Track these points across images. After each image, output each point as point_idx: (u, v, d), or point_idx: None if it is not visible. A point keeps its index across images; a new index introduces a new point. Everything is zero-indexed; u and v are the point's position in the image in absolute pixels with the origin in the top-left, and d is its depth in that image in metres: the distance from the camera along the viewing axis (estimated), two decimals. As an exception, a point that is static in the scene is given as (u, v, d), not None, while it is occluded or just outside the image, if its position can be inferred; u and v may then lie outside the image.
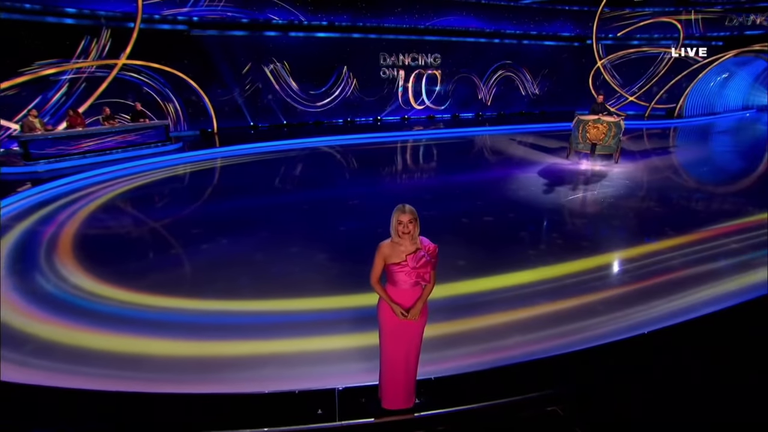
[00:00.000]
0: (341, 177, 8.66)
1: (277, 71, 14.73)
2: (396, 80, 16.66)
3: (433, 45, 17.02)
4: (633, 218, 6.06)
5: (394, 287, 2.50)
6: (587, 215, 6.39)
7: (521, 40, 18.79)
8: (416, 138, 13.49)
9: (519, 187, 7.91)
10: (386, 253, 2.45)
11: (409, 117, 17.19)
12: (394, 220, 2.42)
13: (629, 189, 7.93)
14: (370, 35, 15.70)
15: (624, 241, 5.11)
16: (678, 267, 4.40)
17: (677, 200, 7.04)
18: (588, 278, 4.17)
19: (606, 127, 9.86)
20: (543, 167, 9.59)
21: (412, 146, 12.43)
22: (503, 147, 12.41)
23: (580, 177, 8.75)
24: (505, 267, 4.43)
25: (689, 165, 10.08)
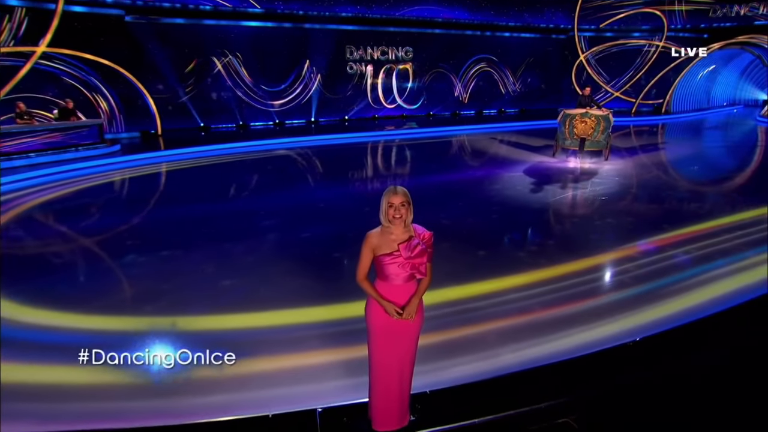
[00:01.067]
0: (304, 182, 8.67)
1: (230, 66, 14.55)
2: (364, 76, 16.84)
3: (405, 37, 17.34)
4: (629, 217, 6.25)
5: (385, 282, 2.44)
6: (580, 215, 6.59)
7: (501, 32, 19.36)
8: (388, 138, 13.70)
9: (504, 186, 8.07)
10: (375, 242, 2.40)
11: (380, 116, 17.42)
12: (384, 203, 2.38)
13: (622, 186, 8.17)
14: (334, 26, 15.87)
15: (621, 241, 5.24)
16: (680, 265, 4.55)
17: (673, 198, 7.30)
18: (586, 279, 4.27)
19: (594, 121, 10.08)
20: (529, 166, 9.76)
21: (383, 147, 12.60)
22: (484, 146, 12.68)
23: (568, 175, 8.94)
24: (496, 271, 4.49)
25: (682, 162, 10.54)
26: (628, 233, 5.53)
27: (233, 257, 4.95)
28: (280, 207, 6.79)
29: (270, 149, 11.75)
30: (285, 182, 8.50)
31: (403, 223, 2.39)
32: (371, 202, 6.99)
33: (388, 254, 2.39)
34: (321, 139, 13.34)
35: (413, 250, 2.37)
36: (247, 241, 5.38)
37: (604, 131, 10.18)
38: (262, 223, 6.09)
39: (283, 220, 6.20)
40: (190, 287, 4.28)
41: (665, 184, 8.45)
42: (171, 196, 7.77)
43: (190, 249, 5.15)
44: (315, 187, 8.28)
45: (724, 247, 4.97)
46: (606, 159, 10.35)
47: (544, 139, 12.75)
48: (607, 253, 4.91)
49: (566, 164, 9.99)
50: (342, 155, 11.38)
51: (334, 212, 6.54)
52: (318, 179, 8.92)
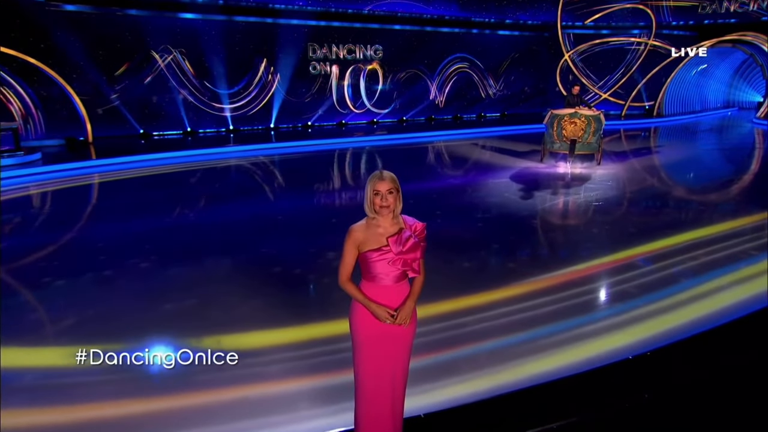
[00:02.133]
0: (261, 194, 8.67)
1: (175, 64, 14.33)
2: (329, 77, 16.82)
3: (374, 34, 17.34)
4: (625, 225, 6.46)
5: (372, 283, 2.41)
6: (573, 223, 6.84)
7: (480, 29, 19.57)
8: (357, 146, 13.82)
9: (489, 194, 8.25)
10: (359, 237, 2.36)
11: (347, 122, 17.47)
12: (369, 190, 2.36)
13: (617, 193, 8.41)
14: (295, 21, 15.81)
15: (616, 251, 5.39)
16: (677, 277, 4.71)
17: (670, 205, 7.58)
18: (581, 292, 4.39)
19: (584, 122, 10.28)
20: (515, 172, 9.96)
21: (351, 155, 12.74)
22: (464, 152, 12.89)
23: (558, 182, 9.16)
24: (486, 283, 4.59)
25: (678, 167, 10.94)
26: (625, 242, 5.69)
27: (178, 278, 4.85)
28: (234, 221, 6.77)
29: (223, 158, 11.73)
30: (239, 194, 8.49)
31: (392, 214, 2.37)
32: (338, 213, 7.15)
33: (376, 250, 2.36)
34: (281, 147, 13.37)
35: (404, 243, 2.34)
36: (193, 260, 5.31)
37: (596, 133, 10.39)
38: (212, 239, 6.05)
39: (237, 235, 6.17)
40: (125, 314, 4.15)
41: (662, 190, 8.77)
42: (105, 212, 7.63)
43: (126, 270, 5.03)
44: (274, 199, 8.30)
45: (723, 257, 5.18)
46: (598, 163, 10.59)
47: (529, 144, 13.07)
48: (603, 263, 5.07)
49: (555, 170, 10.22)
50: (305, 165, 11.45)
51: (296, 226, 6.53)
52: (277, 191, 8.94)
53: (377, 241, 2.36)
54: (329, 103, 17.03)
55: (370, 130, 16.65)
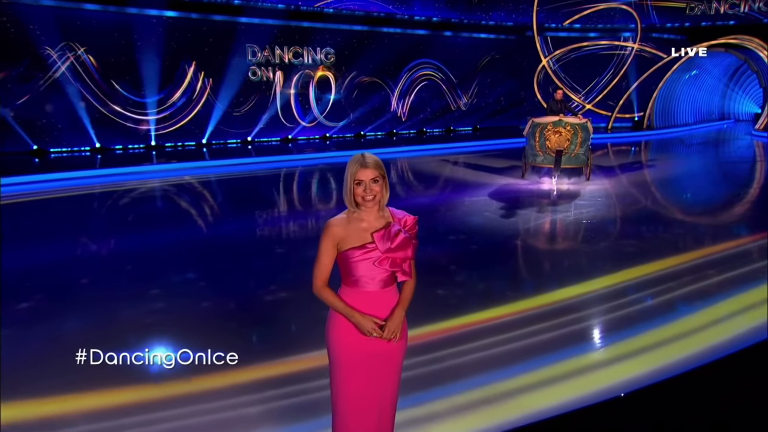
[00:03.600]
0: (188, 220, 8.67)
1: (81, 67, 13.90)
2: (272, 85, 16.80)
3: (325, 35, 17.45)
4: (618, 247, 6.71)
5: (354, 289, 2.41)
6: (560, 244, 7.12)
7: (448, 31, 19.89)
8: (307, 164, 14.09)
9: (467, 212, 8.47)
10: (339, 233, 2.36)
11: (294, 137, 17.55)
12: (349, 178, 2.35)
13: (610, 211, 8.69)
14: (229, 17, 15.74)
15: (608, 276, 5.61)
16: (673, 306, 4.91)
17: (671, 225, 7.93)
18: (569, 320, 4.57)
19: (570, 131, 10.53)
20: (494, 189, 10.24)
21: (300, 175, 12.96)
22: (434, 169, 13.14)
23: (543, 200, 9.41)
24: (465, 312, 4.72)
25: (677, 185, 11.44)
26: (618, 266, 5.89)
27: (77, 325, 4.66)
28: (151, 252, 6.71)
29: (140, 180, 11.61)
30: (157, 222, 8.45)
31: (378, 206, 2.37)
32: (284, 242, 7.38)
33: (359, 248, 2.36)
34: (214, 166, 13.39)
35: (393, 239, 2.34)
36: (91, 301, 5.20)
37: (583, 143, 10.62)
38: (120, 276, 5.94)
39: (154, 270, 6.08)
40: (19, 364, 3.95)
41: (658, 209, 9.14)
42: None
43: (10, 321, 4.73)
44: (205, 226, 8.36)
45: (724, 282, 5.40)
46: (587, 179, 10.87)
47: (507, 159, 13.48)
48: (593, 290, 5.27)
49: (539, 186, 10.51)
50: (243, 187, 11.48)
51: (230, 257, 6.51)
52: (208, 218, 8.97)
53: (360, 237, 2.36)
54: (272, 115, 17.01)
55: (323, 146, 16.81)
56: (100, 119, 14.37)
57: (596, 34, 21.04)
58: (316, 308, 4.37)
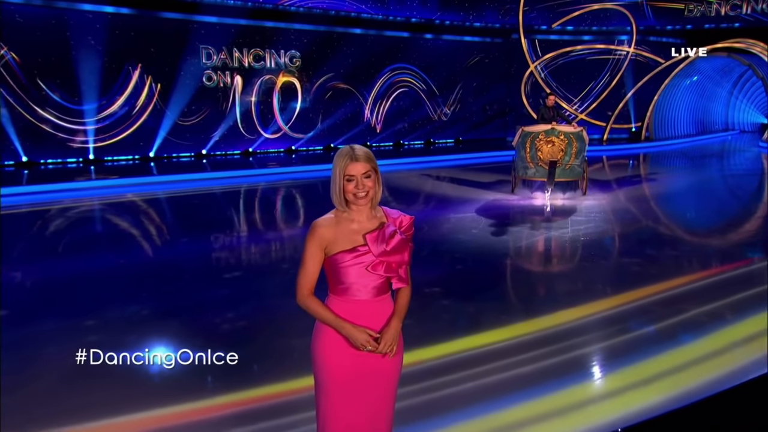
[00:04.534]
0: (126, 242, 8.62)
1: (6, 68, 13.58)
2: (230, 91, 16.70)
3: (290, 37, 17.44)
4: (624, 269, 6.83)
5: (343, 298, 2.45)
6: (558, 265, 7.28)
7: (427, 33, 19.93)
8: (270, 179, 14.07)
9: (454, 230, 8.58)
10: (327, 235, 2.40)
11: (256, 150, 17.51)
12: (338, 174, 2.38)
13: (609, 228, 8.82)
14: (181, 15, 15.67)
15: (613, 299, 5.76)
16: (672, 334, 5.02)
17: (676, 245, 8.10)
18: (565, 347, 4.66)
19: (564, 141, 10.63)
20: (482, 205, 10.38)
21: (262, 193, 13.02)
22: (415, 185, 13.28)
23: (536, 216, 9.51)
24: (452, 339, 4.82)
25: (682, 202, 11.67)
26: (617, 288, 6.07)
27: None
28: (85, 280, 6.62)
29: (76, 198, 11.45)
30: (94, 246, 8.36)
31: (370, 204, 2.42)
32: (233, 268, 7.32)
33: (349, 251, 2.40)
34: (162, 182, 13.27)
35: (388, 241, 2.39)
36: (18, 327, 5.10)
37: (578, 154, 10.71)
38: (53, 300, 5.89)
39: (88, 301, 5.96)
40: None
41: (662, 227, 9.38)
42: None
43: None
44: (149, 251, 8.24)
45: (730, 307, 5.52)
46: (584, 193, 11.03)
47: (495, 173, 13.69)
48: (589, 314, 5.38)
49: (531, 201, 10.64)
50: (195, 206, 11.43)
51: (174, 284, 6.47)
52: (152, 241, 8.87)
53: (351, 239, 2.40)
54: (230, 126, 16.93)
55: (288, 160, 16.79)
56: (27, 129, 14.07)
57: (591, 37, 21.41)
58: (279, 336, 4.51)
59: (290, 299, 5.76)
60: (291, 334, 4.64)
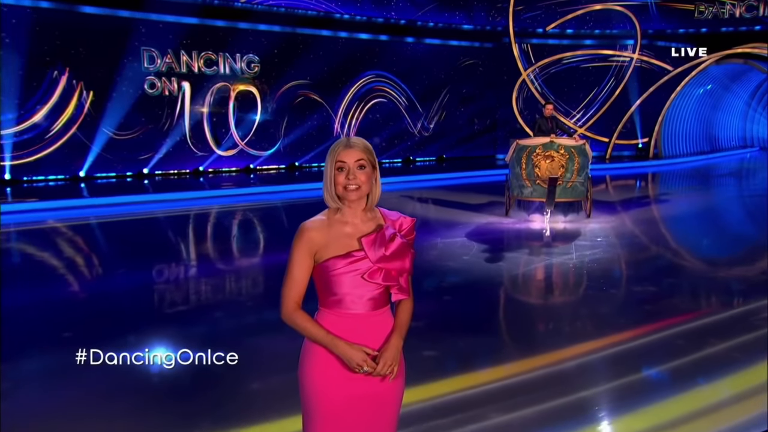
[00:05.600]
0: (45, 274, 8.52)
1: None
2: (177, 101, 16.64)
3: (248, 39, 17.38)
4: (633, 303, 6.88)
5: (336, 312, 2.49)
6: (560, 298, 7.39)
7: (406, 36, 20.05)
8: (224, 202, 14.05)
9: (443, 256, 8.68)
10: (317, 239, 2.44)
11: (208, 170, 17.48)
12: (330, 163, 2.43)
13: (618, 255, 8.99)
14: (115, 11, 15.59)
15: (621, 336, 5.75)
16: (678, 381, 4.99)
17: (692, 277, 8.22)
18: (567, 390, 4.67)
19: (565, 155, 10.65)
20: (472, 229, 10.48)
21: (215, 218, 12.98)
22: (395, 206, 13.08)
23: (534, 242, 9.62)
24: (452, 372, 4.98)
25: (698, 227, 11.88)
26: (627, 324, 6.07)
27: None
28: None
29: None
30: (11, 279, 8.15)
31: (365, 202, 2.46)
32: (171, 303, 7.34)
33: (343, 257, 2.42)
34: (93, 206, 13.10)
35: (387, 245, 2.43)
36: None
37: (581, 171, 10.69)
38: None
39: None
40: None
41: (676, 257, 9.46)
42: None
43: None
44: (77, 285, 8.15)
45: (743, 348, 5.50)
46: (588, 215, 11.00)
47: (485, 194, 13.85)
48: (596, 352, 5.40)
49: (528, 225, 10.78)
50: (134, 234, 11.33)
51: (100, 319, 6.44)
52: (78, 274, 8.76)
53: (344, 244, 2.43)
54: (178, 141, 16.78)
55: (245, 180, 16.72)
56: None
57: (593, 41, 21.74)
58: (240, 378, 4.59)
59: (245, 339, 5.50)
60: (251, 377, 4.68)
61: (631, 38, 21.19)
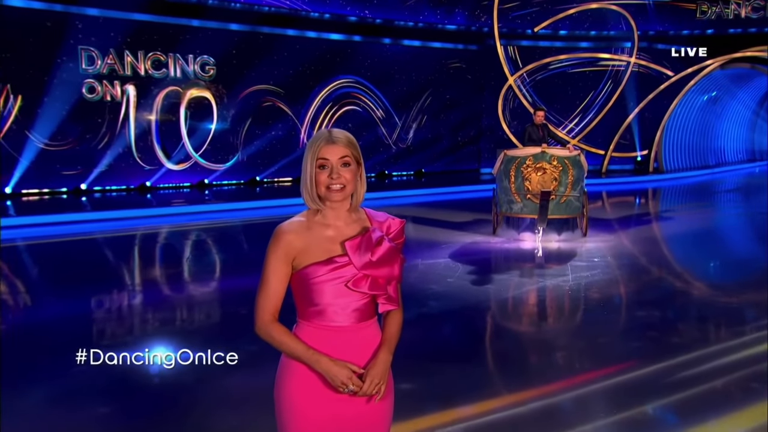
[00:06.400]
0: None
1: None
2: (121, 107, 16.53)
3: (202, 38, 17.44)
4: (634, 332, 6.86)
5: (317, 325, 2.47)
6: (553, 326, 7.35)
7: (381, 37, 20.27)
8: (175, 221, 13.96)
9: (425, 279, 8.67)
10: (295, 244, 2.42)
11: (156, 185, 17.46)
12: (309, 160, 2.42)
13: (617, 277, 9.03)
14: (47, 5, 15.53)
15: (620, 369, 5.71)
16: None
17: (701, 303, 8.17)
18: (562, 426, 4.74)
19: (558, 167, 10.68)
20: (456, 249, 10.55)
21: (164, 240, 12.89)
22: None
23: (525, 264, 9.63)
24: (428, 408, 4.91)
25: (704, 249, 11.82)
26: (629, 356, 6.09)
27: None
28: None
29: None
30: None
31: (349, 203, 2.47)
32: (122, 335, 7.32)
33: (324, 263, 2.42)
34: (20, 225, 13.03)
35: (374, 249, 2.43)
36: None
37: (576, 184, 10.72)
38: None
39: None
40: None
41: (682, 277, 9.56)
42: None
43: None
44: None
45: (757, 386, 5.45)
46: (584, 234, 11.06)
47: (470, 212, 14.00)
48: (593, 388, 5.36)
49: (519, 244, 10.83)
50: (73, 259, 11.11)
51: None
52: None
53: (326, 248, 2.43)
54: (121, 153, 16.65)
55: (199, 197, 16.70)
56: None
57: (589, 44, 21.87)
58: None
59: (197, 374, 5.26)
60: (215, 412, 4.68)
61: (627, 40, 21.27)
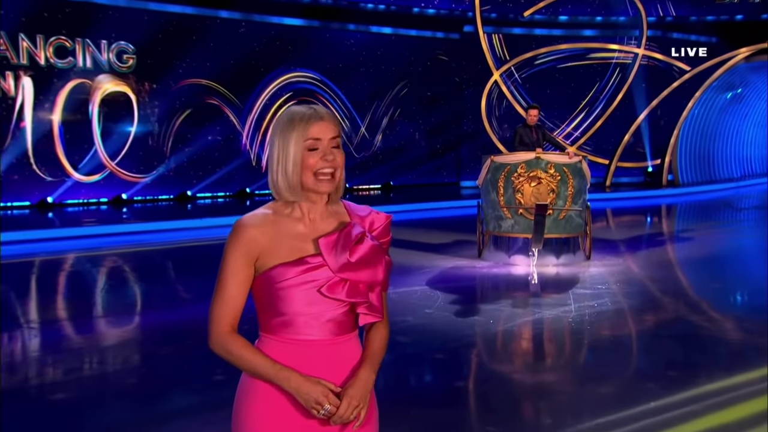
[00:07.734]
0: None
1: None
2: (15, 104, 16.66)
3: (118, 21, 17.56)
4: (645, 375, 6.84)
5: (283, 339, 2.43)
6: (556, 362, 7.39)
7: (341, 22, 20.72)
8: (87, 246, 13.84)
9: (402, 310, 8.58)
10: (260, 240, 2.37)
11: (60, 202, 17.48)
12: (293, 140, 2.33)
13: (626, 309, 8.95)
14: None
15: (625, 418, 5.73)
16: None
17: (719, 336, 8.21)
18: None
19: (556, 176, 10.69)
20: (435, 275, 10.55)
21: (72, 268, 12.72)
22: None
23: (517, 292, 9.63)
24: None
25: (729, 275, 11.81)
26: (642, 401, 6.02)
27: None
28: None
29: None
30: None
31: (335, 188, 2.44)
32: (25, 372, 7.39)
33: (293, 264, 2.37)
34: None
35: (353, 248, 2.39)
36: None
37: (577, 196, 10.78)
38: None
39: None
40: None
41: (703, 309, 9.42)
42: None
43: None
44: None
45: None
46: (588, 257, 11.10)
47: (449, 232, 14.28)
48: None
49: (509, 269, 10.75)
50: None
51: None
52: None
53: (295, 246, 2.39)
54: (14, 161, 16.72)
55: (114, 216, 16.64)
56: None
57: (594, 32, 21.94)
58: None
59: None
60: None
61: (635, 28, 21.14)
